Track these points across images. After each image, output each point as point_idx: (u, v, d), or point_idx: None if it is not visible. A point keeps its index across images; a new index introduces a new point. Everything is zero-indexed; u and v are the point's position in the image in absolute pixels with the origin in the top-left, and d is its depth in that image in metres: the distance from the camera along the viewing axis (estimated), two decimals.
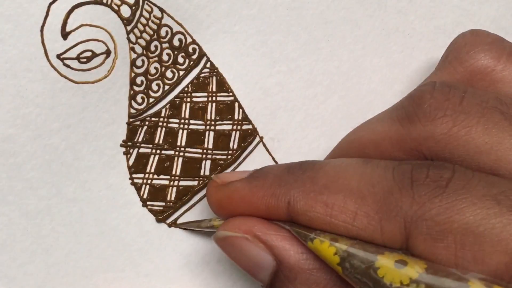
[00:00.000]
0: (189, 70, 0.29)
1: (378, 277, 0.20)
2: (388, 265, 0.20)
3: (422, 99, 0.23)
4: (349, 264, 0.21)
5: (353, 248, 0.21)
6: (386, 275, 0.20)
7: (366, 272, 0.20)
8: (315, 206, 0.22)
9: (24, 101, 0.27)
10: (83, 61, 0.27)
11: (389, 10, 0.30)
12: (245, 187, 0.24)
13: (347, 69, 0.30)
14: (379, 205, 0.21)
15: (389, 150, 0.24)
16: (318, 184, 0.22)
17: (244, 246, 0.23)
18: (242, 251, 0.24)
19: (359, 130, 0.26)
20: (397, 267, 0.20)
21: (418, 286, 0.19)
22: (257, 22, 0.29)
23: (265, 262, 0.23)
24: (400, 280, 0.19)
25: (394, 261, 0.20)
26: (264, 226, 0.23)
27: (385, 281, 0.20)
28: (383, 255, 0.20)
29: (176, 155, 0.29)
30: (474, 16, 0.31)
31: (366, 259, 0.20)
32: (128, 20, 0.28)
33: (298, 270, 0.22)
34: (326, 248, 0.21)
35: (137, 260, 0.29)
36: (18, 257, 0.28)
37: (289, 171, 0.23)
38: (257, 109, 0.29)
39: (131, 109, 0.28)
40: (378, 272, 0.20)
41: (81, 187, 0.28)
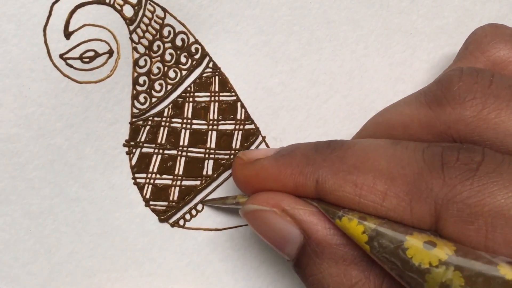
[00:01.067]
0: (191, 69, 0.29)
1: (407, 257, 0.20)
2: (417, 246, 0.20)
3: (451, 82, 0.23)
4: (378, 243, 0.21)
5: (382, 227, 0.21)
6: (415, 255, 0.20)
7: (394, 252, 0.20)
8: (344, 186, 0.22)
9: (27, 100, 0.27)
10: (85, 61, 0.27)
11: (392, 10, 0.30)
12: (272, 165, 0.24)
13: (350, 68, 0.30)
14: (409, 186, 0.21)
15: (418, 132, 0.24)
16: (347, 163, 0.22)
17: (272, 220, 0.24)
18: (269, 225, 0.24)
19: (386, 112, 0.26)
20: (426, 248, 0.20)
21: (447, 267, 0.19)
22: (260, 22, 0.29)
23: (292, 236, 0.23)
24: (429, 261, 0.19)
25: (423, 242, 0.20)
26: (292, 200, 0.23)
27: (414, 261, 0.20)
28: (412, 235, 0.20)
29: (179, 155, 0.29)
30: (476, 15, 0.31)
31: (395, 238, 0.20)
32: (130, 20, 0.28)
33: (325, 244, 0.22)
34: (354, 226, 0.21)
35: (140, 259, 0.29)
36: (21, 257, 0.28)
37: (317, 150, 0.24)
38: (260, 108, 0.29)
39: (134, 109, 0.28)
40: (407, 252, 0.20)
41: (84, 187, 0.28)
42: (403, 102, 0.25)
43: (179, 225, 0.29)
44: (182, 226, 0.29)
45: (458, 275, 0.19)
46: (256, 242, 0.30)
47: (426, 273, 0.19)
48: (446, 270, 0.19)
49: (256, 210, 0.24)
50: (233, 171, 0.26)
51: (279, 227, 0.23)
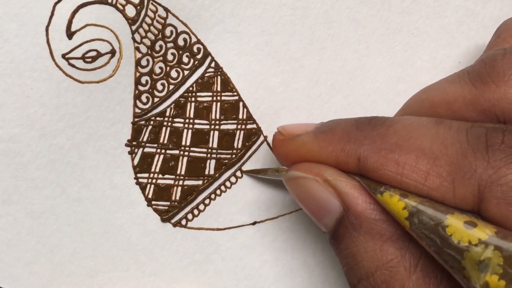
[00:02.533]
0: (193, 69, 0.29)
1: (447, 234, 0.20)
2: (457, 225, 0.20)
3: (495, 60, 0.23)
4: (418, 219, 0.21)
5: (423, 205, 0.21)
6: (455, 233, 0.20)
7: (434, 229, 0.20)
8: (386, 164, 0.22)
9: (29, 100, 0.27)
10: (88, 60, 0.27)
11: (393, 10, 0.30)
12: (313, 142, 0.24)
13: (351, 68, 0.30)
14: (452, 167, 0.21)
15: (461, 110, 0.24)
16: (389, 142, 0.22)
17: (314, 188, 0.24)
18: (311, 193, 0.24)
19: (429, 90, 0.26)
20: (466, 228, 0.20)
21: (486, 247, 0.19)
22: (261, 22, 0.29)
23: (332, 207, 0.23)
24: (469, 240, 0.20)
25: (464, 222, 0.20)
26: (334, 172, 0.23)
27: (453, 239, 0.20)
28: (453, 214, 0.20)
29: (181, 155, 0.29)
30: (477, 15, 0.31)
31: (435, 216, 0.20)
32: (133, 20, 0.28)
33: (364, 218, 0.23)
34: (395, 202, 0.21)
35: (142, 259, 0.29)
36: (23, 257, 0.28)
37: (358, 126, 0.24)
38: (261, 108, 0.30)
39: (136, 109, 0.28)
40: (447, 230, 0.20)
41: (85, 187, 0.28)
42: (446, 80, 0.25)
43: (181, 225, 0.29)
44: (184, 226, 0.29)
45: (497, 255, 0.19)
46: (258, 242, 0.30)
47: (465, 251, 0.20)
48: (485, 249, 0.19)
49: (299, 177, 0.24)
50: (273, 146, 0.26)
51: (320, 196, 0.23)
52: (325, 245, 0.30)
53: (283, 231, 0.30)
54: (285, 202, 0.30)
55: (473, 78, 0.24)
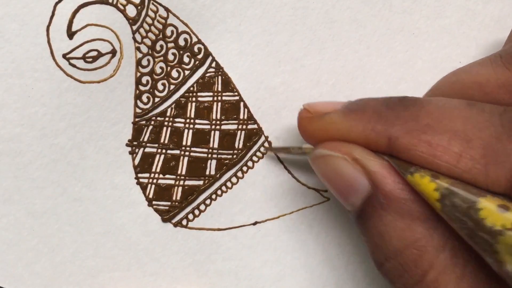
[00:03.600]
0: (194, 69, 0.29)
1: (479, 217, 0.20)
2: (491, 208, 0.20)
3: None
4: (450, 201, 0.21)
5: (455, 187, 0.21)
6: (488, 217, 0.20)
7: (467, 212, 0.20)
8: (418, 145, 0.22)
9: (30, 100, 0.27)
10: (88, 60, 0.27)
11: (394, 10, 0.30)
12: (342, 121, 0.24)
13: (352, 68, 0.30)
14: (486, 149, 0.21)
15: (494, 91, 0.24)
16: (421, 122, 0.22)
17: (342, 167, 0.23)
18: (338, 171, 0.24)
19: (461, 72, 0.26)
20: (499, 211, 0.20)
21: None
22: (262, 22, 0.29)
23: (360, 185, 0.23)
24: (503, 223, 0.19)
25: (497, 205, 0.20)
26: (364, 151, 0.23)
27: (487, 222, 0.20)
28: (486, 197, 0.20)
29: (182, 155, 0.29)
30: (478, 15, 0.31)
31: (468, 199, 0.20)
32: (133, 20, 0.28)
33: (393, 198, 0.22)
34: (427, 183, 0.21)
35: (143, 259, 0.29)
36: (24, 257, 0.28)
37: (388, 106, 0.23)
38: (262, 108, 0.30)
39: (137, 109, 0.28)
40: (480, 213, 0.20)
41: (87, 187, 0.28)
42: (477, 63, 0.25)
43: (182, 225, 0.29)
44: (185, 226, 0.29)
45: None
46: (258, 242, 0.30)
47: (499, 235, 0.19)
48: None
49: (327, 155, 0.24)
50: (299, 125, 0.26)
51: (348, 175, 0.23)
52: (325, 245, 0.30)
53: (283, 231, 0.30)
54: (286, 202, 0.30)
55: (506, 61, 0.24)
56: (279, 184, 0.30)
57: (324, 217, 0.30)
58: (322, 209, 0.30)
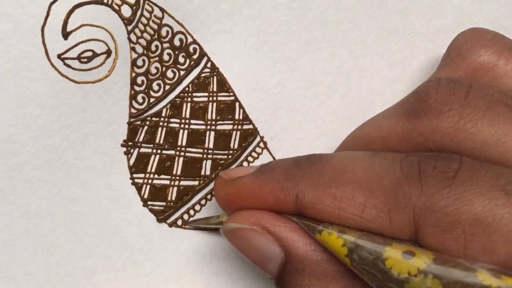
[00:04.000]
0: (189, 70, 0.29)
1: (386, 268, 0.20)
2: (396, 256, 0.20)
3: (428, 94, 0.23)
4: (357, 255, 0.21)
5: (361, 240, 0.21)
6: (394, 266, 0.20)
7: (374, 263, 0.20)
8: (323, 199, 0.22)
9: (24, 101, 0.27)
10: (83, 61, 0.27)
11: (390, 10, 0.30)
12: (252, 182, 0.24)
13: (348, 69, 0.30)
14: (388, 197, 0.21)
15: (396, 145, 0.24)
16: (326, 176, 0.22)
17: (253, 238, 0.23)
18: (250, 243, 0.24)
19: (365, 126, 0.26)
20: (405, 258, 0.20)
21: (425, 276, 0.19)
22: (258, 22, 0.29)
23: (273, 254, 0.23)
24: (408, 271, 0.19)
25: (402, 252, 0.20)
26: (272, 217, 0.23)
27: (393, 271, 0.20)
28: (391, 246, 0.20)
29: (177, 155, 0.29)
30: (474, 15, 0.31)
31: (374, 250, 0.20)
32: (129, 20, 0.28)
33: (306, 261, 0.22)
34: (334, 240, 0.21)
35: (138, 260, 0.29)
36: (19, 257, 0.28)
37: (296, 164, 0.24)
38: (258, 109, 0.30)
39: (132, 109, 0.28)
40: (386, 263, 0.20)
41: (81, 187, 0.28)
42: (382, 115, 0.25)
43: (177, 225, 0.29)
44: (180, 226, 0.29)
45: (436, 283, 0.19)
46: None
47: (405, 283, 0.19)
48: (424, 279, 0.19)
49: (236, 228, 0.24)
50: (214, 190, 0.26)
51: (260, 245, 0.23)
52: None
53: None
54: None
55: (406, 112, 0.24)
56: None
57: None
58: None
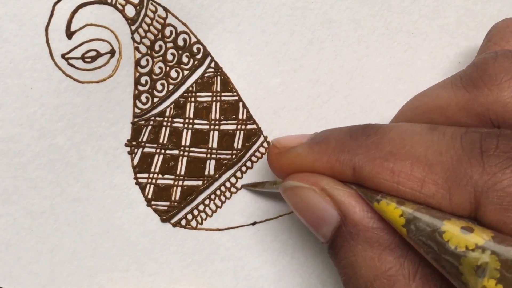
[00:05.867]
0: (193, 69, 0.29)
1: (443, 240, 0.20)
2: (454, 231, 0.20)
3: (487, 65, 0.23)
4: (414, 226, 0.21)
5: (419, 212, 0.21)
6: (452, 239, 0.20)
7: (431, 235, 0.20)
8: (381, 173, 0.22)
9: (28, 100, 0.27)
10: (87, 60, 0.27)
11: (393, 10, 0.30)
12: (308, 154, 0.24)
13: (351, 68, 0.30)
14: (448, 174, 0.21)
15: (455, 115, 0.24)
16: (384, 150, 0.22)
17: (311, 198, 0.24)
18: (308, 203, 0.24)
19: (421, 97, 0.26)
20: (463, 233, 0.20)
21: (483, 252, 0.19)
22: (261, 22, 0.29)
23: (329, 216, 0.23)
24: (466, 245, 0.20)
25: (460, 227, 0.20)
26: (331, 181, 0.23)
27: (450, 244, 0.20)
28: (450, 220, 0.20)
29: (181, 155, 0.29)
30: (477, 15, 0.31)
31: (432, 223, 0.21)
32: (132, 20, 0.28)
33: (362, 227, 0.22)
34: (392, 210, 0.21)
35: (142, 259, 0.29)
36: (23, 257, 0.28)
37: (352, 135, 0.23)
38: (261, 108, 0.30)
39: (136, 109, 0.28)
40: (443, 235, 0.20)
41: (85, 187, 0.28)
42: (438, 86, 0.25)
43: (181, 225, 0.29)
44: (183, 226, 0.29)
45: (494, 259, 0.19)
46: (257, 242, 0.30)
47: (462, 257, 0.20)
48: (482, 254, 0.19)
49: (296, 186, 0.24)
50: (268, 160, 0.26)
51: (317, 206, 0.23)
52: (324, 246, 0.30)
53: (283, 231, 0.30)
54: (285, 202, 0.30)
55: (465, 83, 0.24)
56: None
57: None
58: None
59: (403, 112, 0.27)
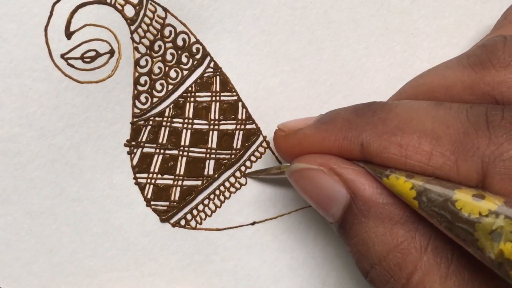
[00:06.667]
0: (192, 69, 0.29)
1: (456, 209, 0.20)
2: (466, 199, 0.20)
3: (496, 46, 0.24)
4: (426, 197, 0.21)
5: (429, 184, 0.21)
6: (464, 207, 0.20)
7: (443, 204, 0.21)
8: (389, 148, 0.22)
9: (28, 100, 0.27)
10: (87, 60, 0.27)
11: (392, 10, 0.30)
12: (315, 133, 0.24)
13: (350, 68, 0.30)
14: (455, 145, 0.21)
15: (460, 94, 0.24)
16: (390, 125, 0.23)
17: (319, 178, 0.24)
18: (316, 183, 0.24)
19: (426, 75, 0.26)
20: (475, 200, 0.20)
21: (497, 216, 0.19)
22: (261, 22, 0.29)
23: (339, 195, 0.23)
24: (479, 211, 0.20)
25: (472, 195, 0.20)
26: (339, 160, 0.24)
27: (464, 212, 0.20)
28: (460, 189, 0.21)
29: (180, 155, 0.29)
30: (477, 15, 0.31)
31: (443, 193, 0.21)
32: (132, 20, 0.28)
33: (372, 203, 0.23)
34: (402, 183, 0.22)
35: (141, 259, 0.29)
36: (22, 257, 0.28)
37: (358, 113, 0.24)
38: (261, 108, 0.30)
39: (135, 109, 0.28)
40: (456, 204, 0.20)
41: (85, 187, 0.28)
42: (444, 65, 0.26)
43: (180, 225, 0.29)
44: (183, 226, 0.29)
45: (509, 223, 0.19)
46: (257, 242, 0.30)
47: (476, 223, 0.20)
48: (496, 219, 0.19)
49: (303, 168, 0.24)
50: (275, 143, 0.26)
51: (326, 186, 0.24)
52: (324, 245, 0.30)
53: (282, 231, 0.30)
54: (284, 202, 0.30)
55: (472, 63, 0.24)
56: (277, 184, 0.30)
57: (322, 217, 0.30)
58: None
59: (405, 90, 0.27)
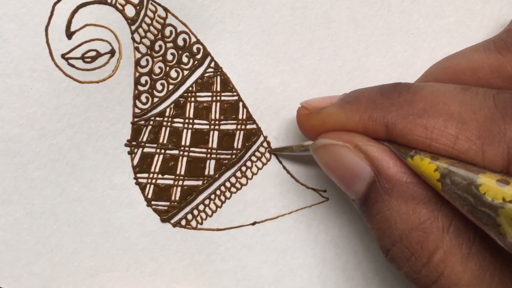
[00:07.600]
0: (193, 69, 0.29)
1: (480, 193, 0.20)
2: (490, 183, 0.20)
3: None
4: (450, 180, 0.21)
5: (454, 167, 0.21)
6: (488, 191, 0.20)
7: (467, 188, 0.21)
8: (414, 130, 0.22)
9: (28, 100, 0.27)
10: (87, 60, 0.27)
11: (393, 10, 0.30)
12: (339, 112, 0.24)
13: (351, 68, 0.30)
14: (481, 130, 0.21)
15: (487, 77, 0.24)
16: (416, 107, 0.23)
17: (344, 155, 0.24)
18: (340, 160, 0.24)
19: (453, 58, 0.26)
20: (499, 185, 0.20)
21: None
22: (261, 22, 0.29)
23: (363, 172, 0.23)
24: (503, 197, 0.20)
25: (496, 180, 0.20)
26: (364, 138, 0.24)
27: (487, 197, 0.20)
28: (485, 174, 0.21)
29: (181, 155, 0.29)
30: (477, 15, 0.31)
31: (467, 176, 0.21)
32: (132, 20, 0.28)
33: (395, 181, 0.23)
34: (427, 165, 0.22)
35: (142, 259, 0.29)
36: (23, 257, 0.28)
37: (383, 94, 0.24)
38: (261, 108, 0.30)
39: (136, 109, 0.28)
40: (480, 188, 0.20)
41: (85, 187, 0.28)
42: (469, 49, 0.26)
43: (181, 225, 0.29)
44: (183, 226, 0.29)
45: None
46: (257, 242, 0.30)
47: (499, 208, 0.20)
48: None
49: (328, 144, 0.24)
50: (298, 121, 0.26)
51: (351, 163, 0.24)
52: (324, 246, 0.30)
53: (282, 231, 0.30)
54: (285, 202, 0.30)
55: (499, 47, 0.24)
56: (278, 184, 0.30)
57: (323, 217, 0.30)
58: (321, 209, 0.30)
59: (431, 72, 0.27)
